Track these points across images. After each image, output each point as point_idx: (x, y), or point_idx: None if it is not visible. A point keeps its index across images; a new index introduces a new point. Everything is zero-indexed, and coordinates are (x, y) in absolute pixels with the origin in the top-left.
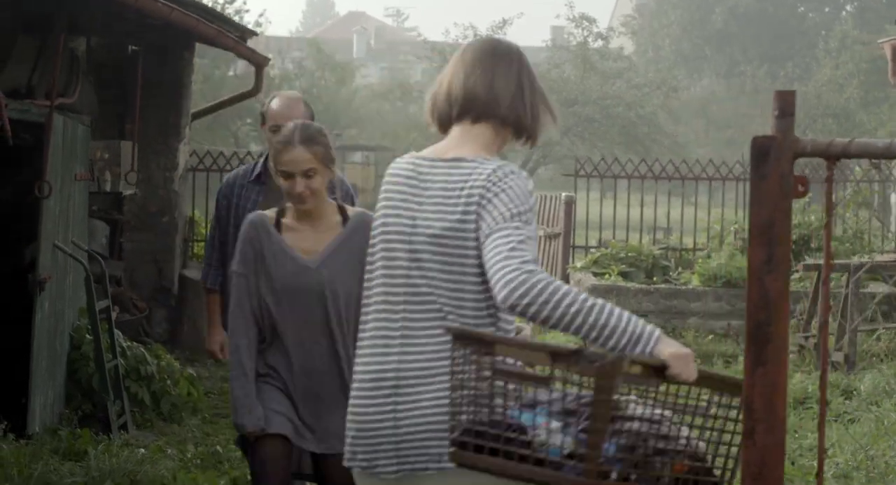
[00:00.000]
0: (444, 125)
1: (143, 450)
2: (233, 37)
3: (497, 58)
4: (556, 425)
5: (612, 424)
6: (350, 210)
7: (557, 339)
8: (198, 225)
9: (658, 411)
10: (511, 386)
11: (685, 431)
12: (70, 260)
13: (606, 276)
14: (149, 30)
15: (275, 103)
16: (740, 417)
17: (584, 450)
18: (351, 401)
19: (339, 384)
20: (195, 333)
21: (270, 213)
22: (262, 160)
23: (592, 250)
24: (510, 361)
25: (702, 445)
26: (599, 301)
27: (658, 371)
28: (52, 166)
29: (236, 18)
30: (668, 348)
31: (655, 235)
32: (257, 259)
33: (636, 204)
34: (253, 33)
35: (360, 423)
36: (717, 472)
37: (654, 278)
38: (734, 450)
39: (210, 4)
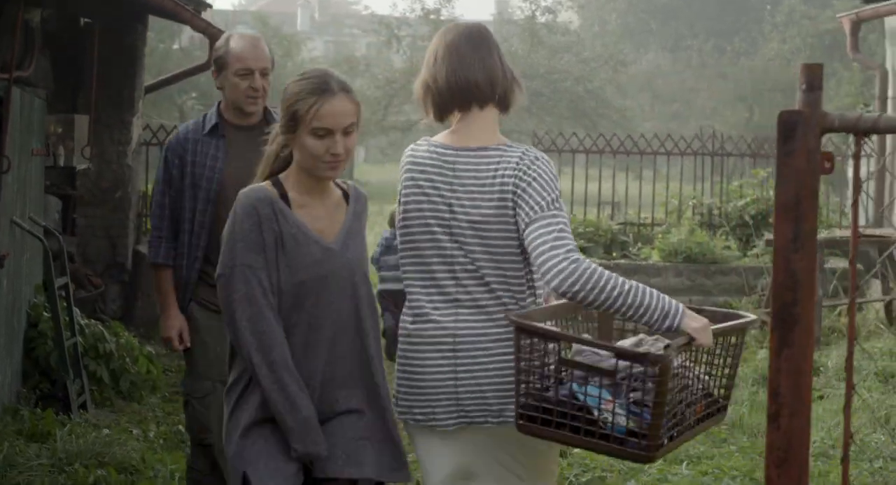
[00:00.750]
0: (443, 114)
1: (107, 430)
2: (189, 9)
3: (482, 43)
4: (619, 404)
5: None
6: (343, 183)
7: None
8: (151, 199)
9: (676, 364)
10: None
11: (696, 373)
12: (27, 236)
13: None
14: (103, 1)
15: (237, 44)
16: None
17: (640, 427)
18: (403, 362)
19: (364, 396)
20: (150, 310)
21: (269, 186)
22: (214, 110)
23: None
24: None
25: (708, 380)
26: (633, 283)
27: (686, 344)
28: (10, 141)
29: None
30: (691, 322)
31: (614, 211)
32: (277, 247)
33: (590, 179)
34: (208, 5)
35: (418, 380)
36: (722, 399)
37: (614, 254)
38: (728, 374)
39: None
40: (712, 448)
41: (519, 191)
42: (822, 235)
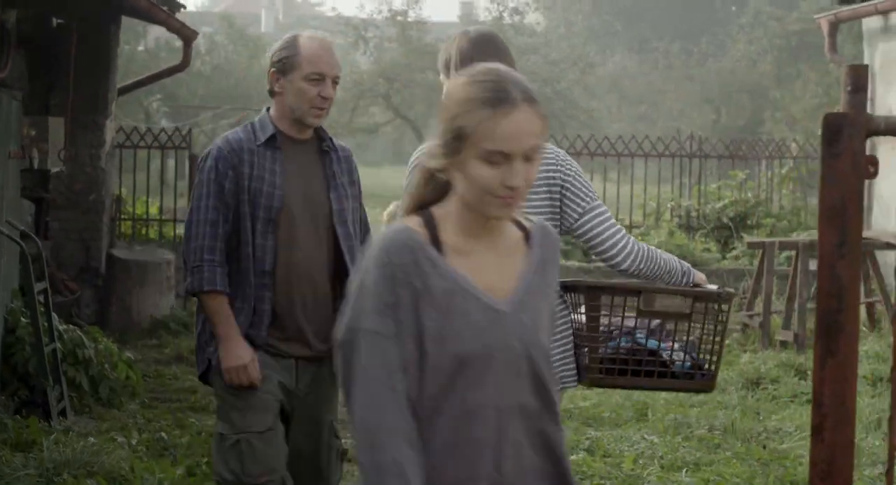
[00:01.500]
0: None
1: (92, 439)
2: (164, 10)
3: (503, 45)
4: (678, 346)
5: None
6: (524, 220)
7: None
8: (125, 203)
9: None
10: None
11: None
12: (3, 240)
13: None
14: (77, 2)
15: (310, 45)
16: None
17: (698, 363)
18: None
19: None
20: (124, 315)
21: (418, 226)
22: (265, 118)
23: None
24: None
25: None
26: (659, 251)
27: None
28: None
29: None
30: (699, 275)
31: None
32: (415, 307)
33: None
34: (181, 6)
35: None
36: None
37: (593, 256)
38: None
39: None
40: (709, 454)
41: (567, 185)
42: (795, 235)
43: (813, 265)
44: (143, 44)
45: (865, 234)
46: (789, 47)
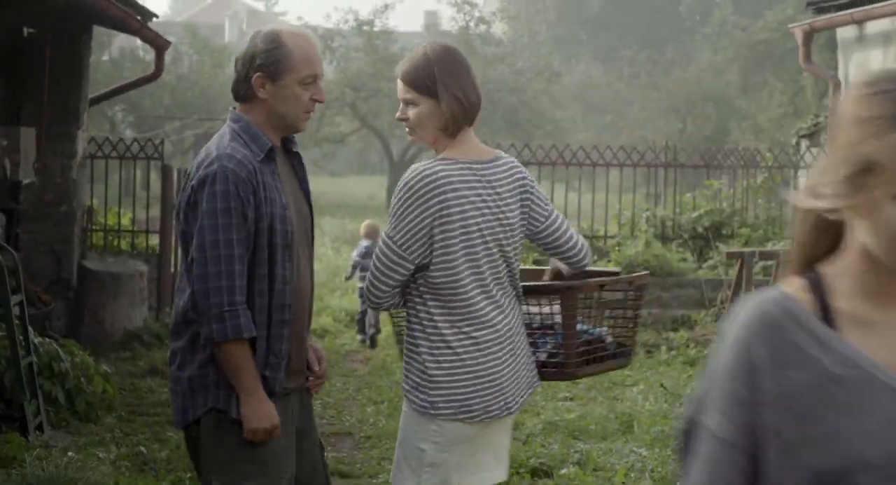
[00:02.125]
0: (459, 130)
1: (72, 454)
2: (138, 19)
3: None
4: (606, 330)
5: None
6: None
7: None
8: (97, 214)
9: None
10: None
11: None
12: None
13: (522, 263)
14: (49, 11)
15: (299, 44)
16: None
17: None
18: (473, 366)
19: None
20: (97, 327)
21: (795, 288)
22: (247, 126)
23: None
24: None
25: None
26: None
27: None
28: None
29: None
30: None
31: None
32: (777, 405)
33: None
34: (153, 16)
35: (498, 379)
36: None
37: (558, 258)
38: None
39: None
40: None
41: (532, 191)
42: (771, 245)
43: None
44: (107, 54)
45: None
46: (755, 56)
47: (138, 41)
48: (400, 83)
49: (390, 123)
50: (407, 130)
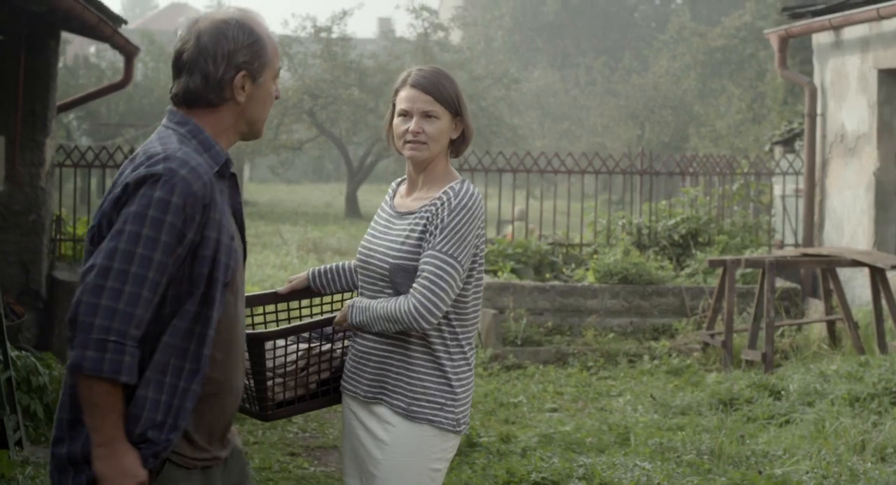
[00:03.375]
0: (459, 152)
1: None
2: (111, 25)
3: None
4: None
5: None
6: None
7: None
8: (65, 224)
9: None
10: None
11: None
12: None
13: (500, 273)
14: (23, 17)
15: (265, 31)
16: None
17: None
18: (470, 386)
19: None
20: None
21: None
22: (200, 131)
23: None
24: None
25: None
26: None
27: None
28: None
29: None
30: None
31: (541, 232)
32: None
33: (505, 198)
34: (123, 21)
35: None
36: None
37: (547, 275)
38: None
39: None
40: (705, 481)
41: None
42: (748, 252)
43: (779, 283)
44: (62, 61)
45: (830, 250)
46: (712, 63)
47: (92, 49)
48: (420, 94)
49: (348, 130)
50: (415, 143)
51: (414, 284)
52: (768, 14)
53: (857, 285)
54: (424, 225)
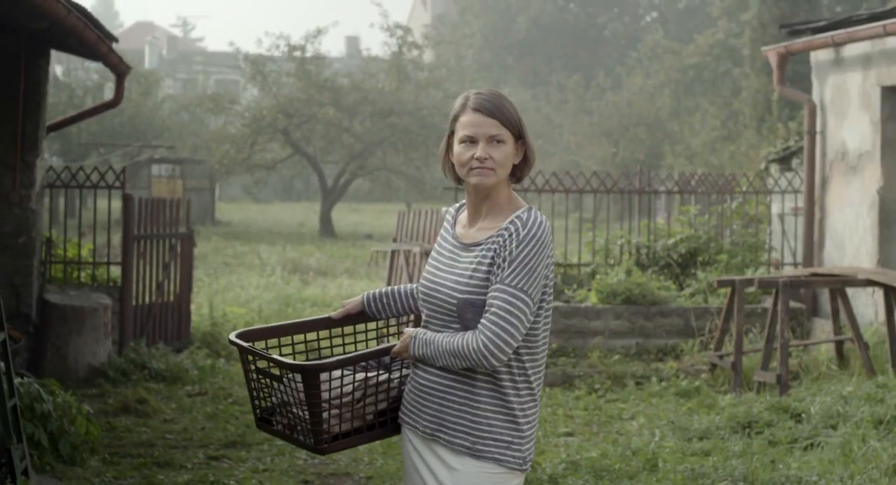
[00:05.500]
0: (522, 178)
1: None
2: (108, 43)
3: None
4: None
5: None
6: None
7: None
8: (55, 246)
9: None
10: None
11: None
12: None
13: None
14: (14, 34)
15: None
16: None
17: None
18: (534, 415)
19: None
20: (60, 363)
21: None
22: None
23: None
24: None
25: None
26: None
27: None
28: None
29: None
30: None
31: None
32: None
33: None
34: (114, 39)
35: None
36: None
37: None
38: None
39: None
40: None
41: None
42: (750, 272)
43: (767, 302)
44: None
45: (830, 269)
46: (686, 80)
47: (58, 68)
48: (485, 118)
49: (322, 150)
50: (482, 169)
51: (482, 320)
52: (741, 32)
53: (860, 304)
54: (492, 257)
